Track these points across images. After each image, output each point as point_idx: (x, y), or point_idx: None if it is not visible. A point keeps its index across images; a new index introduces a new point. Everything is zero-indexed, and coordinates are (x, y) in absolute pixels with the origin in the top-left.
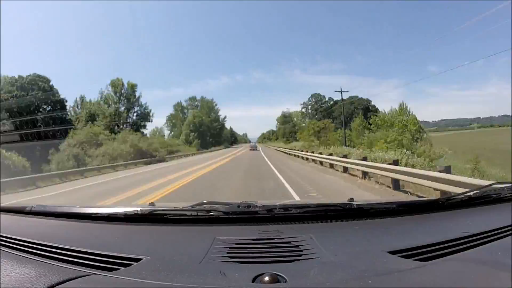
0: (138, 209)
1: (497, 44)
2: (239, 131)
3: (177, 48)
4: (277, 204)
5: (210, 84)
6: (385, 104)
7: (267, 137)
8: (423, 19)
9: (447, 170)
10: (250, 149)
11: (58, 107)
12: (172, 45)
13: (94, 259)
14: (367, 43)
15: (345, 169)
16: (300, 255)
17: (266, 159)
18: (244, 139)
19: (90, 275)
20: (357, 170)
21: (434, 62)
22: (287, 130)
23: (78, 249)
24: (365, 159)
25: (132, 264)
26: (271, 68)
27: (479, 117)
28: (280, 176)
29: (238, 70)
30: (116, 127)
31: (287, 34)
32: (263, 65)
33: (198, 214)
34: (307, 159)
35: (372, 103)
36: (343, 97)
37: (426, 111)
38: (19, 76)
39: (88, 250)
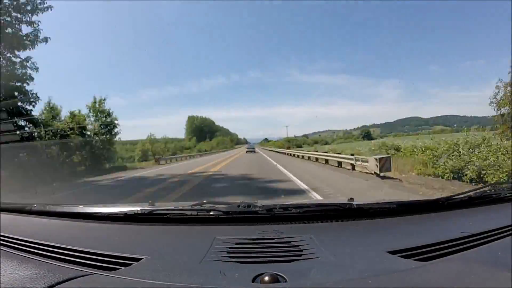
0: (138, 208)
1: (498, 44)
2: (237, 132)
3: (172, 46)
4: (277, 204)
5: (205, 83)
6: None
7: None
8: (425, 17)
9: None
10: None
11: None
12: (166, 43)
13: (94, 258)
14: (367, 40)
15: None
16: (300, 255)
17: None
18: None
19: (90, 275)
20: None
21: (435, 62)
22: None
23: (78, 248)
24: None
25: (132, 264)
26: (268, 67)
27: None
28: None
29: (234, 69)
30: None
31: (284, 31)
32: (259, 64)
33: (198, 214)
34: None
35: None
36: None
37: (425, 111)
38: None
39: (88, 250)
